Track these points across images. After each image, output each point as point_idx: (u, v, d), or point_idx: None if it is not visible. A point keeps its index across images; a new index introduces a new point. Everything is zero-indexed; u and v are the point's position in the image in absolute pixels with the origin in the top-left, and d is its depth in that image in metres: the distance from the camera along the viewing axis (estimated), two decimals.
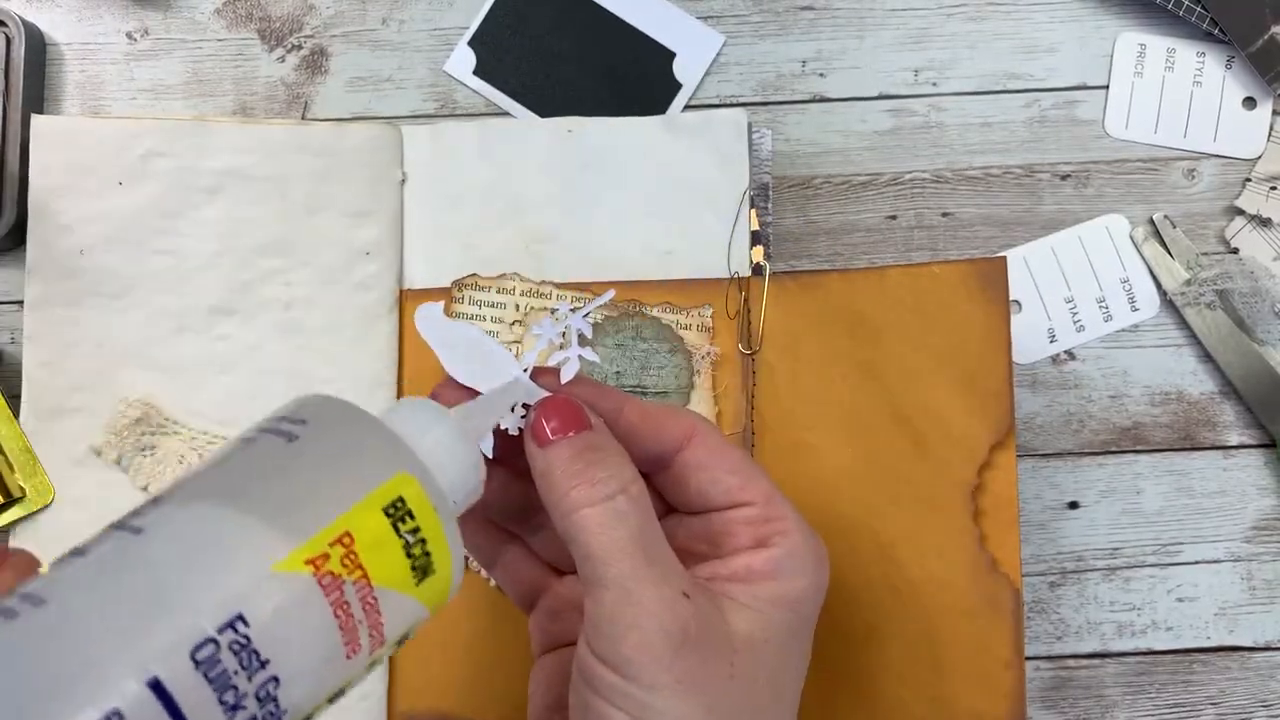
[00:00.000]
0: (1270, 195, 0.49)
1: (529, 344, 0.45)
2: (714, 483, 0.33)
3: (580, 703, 0.30)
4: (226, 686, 0.22)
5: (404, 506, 0.26)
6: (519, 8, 0.50)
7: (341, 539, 0.25)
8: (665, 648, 0.29)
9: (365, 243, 0.46)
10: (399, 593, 0.26)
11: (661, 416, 0.34)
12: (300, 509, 0.25)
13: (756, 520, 0.33)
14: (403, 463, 0.27)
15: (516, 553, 0.36)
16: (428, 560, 0.26)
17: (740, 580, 0.32)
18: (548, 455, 0.31)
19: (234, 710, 0.23)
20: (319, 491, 0.25)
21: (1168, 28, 0.50)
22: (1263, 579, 0.48)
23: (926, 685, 0.44)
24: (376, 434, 0.27)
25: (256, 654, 0.23)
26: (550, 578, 0.36)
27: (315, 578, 0.24)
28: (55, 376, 0.46)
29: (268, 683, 0.23)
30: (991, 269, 0.45)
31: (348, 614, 0.25)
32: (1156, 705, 0.48)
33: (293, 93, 0.50)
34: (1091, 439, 0.49)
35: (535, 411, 0.32)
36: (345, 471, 0.26)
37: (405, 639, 0.27)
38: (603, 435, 0.32)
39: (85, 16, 0.50)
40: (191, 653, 0.22)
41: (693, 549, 0.33)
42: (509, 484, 0.34)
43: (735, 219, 0.47)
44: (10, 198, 0.47)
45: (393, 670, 0.45)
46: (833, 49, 0.50)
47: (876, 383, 0.45)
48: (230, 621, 0.23)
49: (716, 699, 0.30)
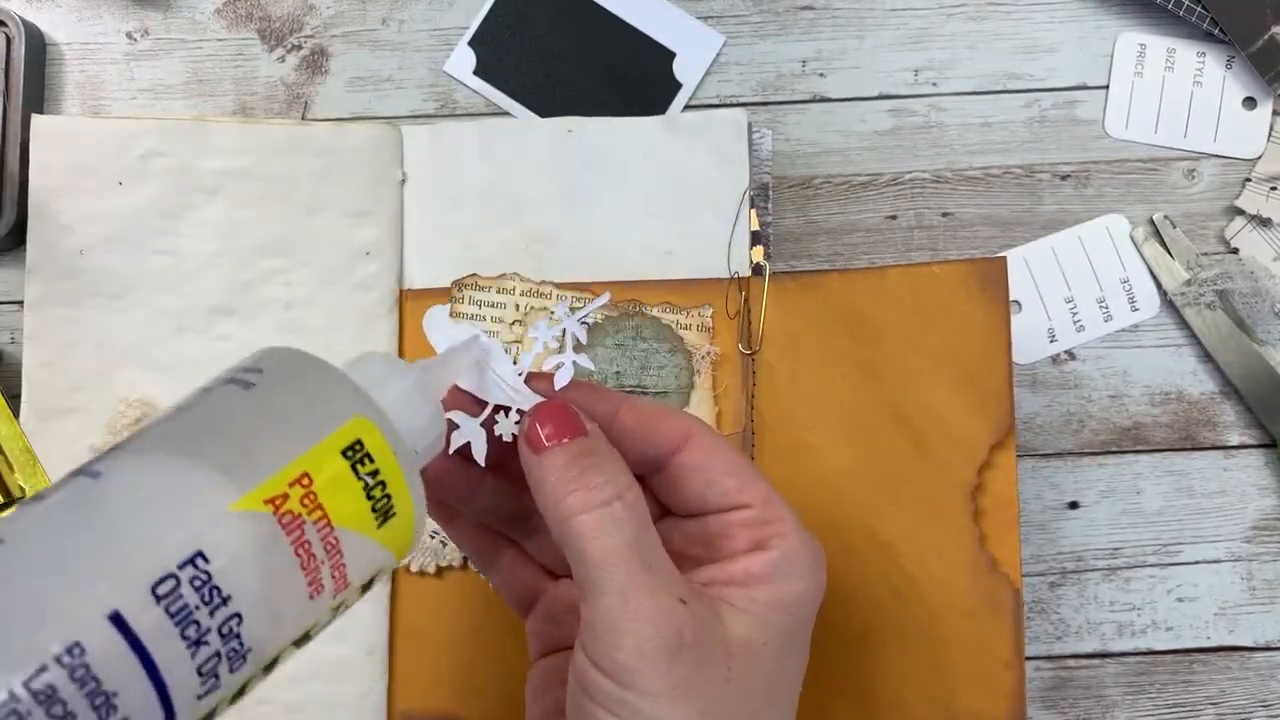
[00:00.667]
0: (1270, 195, 0.49)
1: (526, 346, 0.45)
2: (710, 485, 0.33)
3: (577, 709, 0.30)
4: (188, 621, 0.23)
5: (362, 449, 0.26)
6: (519, 8, 0.50)
7: (301, 479, 0.25)
8: (661, 654, 0.29)
9: (365, 243, 0.46)
10: (361, 534, 0.26)
11: (657, 418, 0.33)
12: (259, 451, 0.25)
13: (754, 523, 0.32)
14: (361, 408, 0.27)
15: (512, 557, 0.36)
16: (389, 503, 0.27)
17: (737, 584, 0.32)
18: (543, 461, 0.31)
19: (197, 645, 0.23)
20: (277, 435, 0.26)
21: (1168, 28, 0.50)
22: (1263, 579, 0.48)
23: (926, 685, 0.44)
24: (334, 381, 0.27)
25: (218, 590, 0.23)
26: (546, 581, 0.36)
27: (275, 516, 0.24)
28: (55, 376, 0.46)
29: (230, 619, 0.23)
30: (991, 269, 0.45)
31: (309, 553, 0.25)
32: (1156, 705, 0.48)
33: (293, 93, 0.50)
34: (1091, 439, 0.49)
35: (529, 418, 0.32)
36: (303, 416, 0.26)
37: (371, 584, 0.28)
38: (598, 440, 0.32)
39: (85, 16, 0.50)
40: (152, 587, 0.22)
41: (688, 552, 0.33)
42: (503, 489, 0.34)
43: (735, 219, 0.47)
44: (10, 198, 0.47)
45: (393, 670, 0.45)
46: (833, 49, 0.50)
47: (876, 383, 0.45)
48: (190, 558, 0.23)
49: (713, 704, 0.30)
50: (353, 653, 0.45)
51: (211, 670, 0.23)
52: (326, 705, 0.45)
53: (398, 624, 0.45)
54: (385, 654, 0.45)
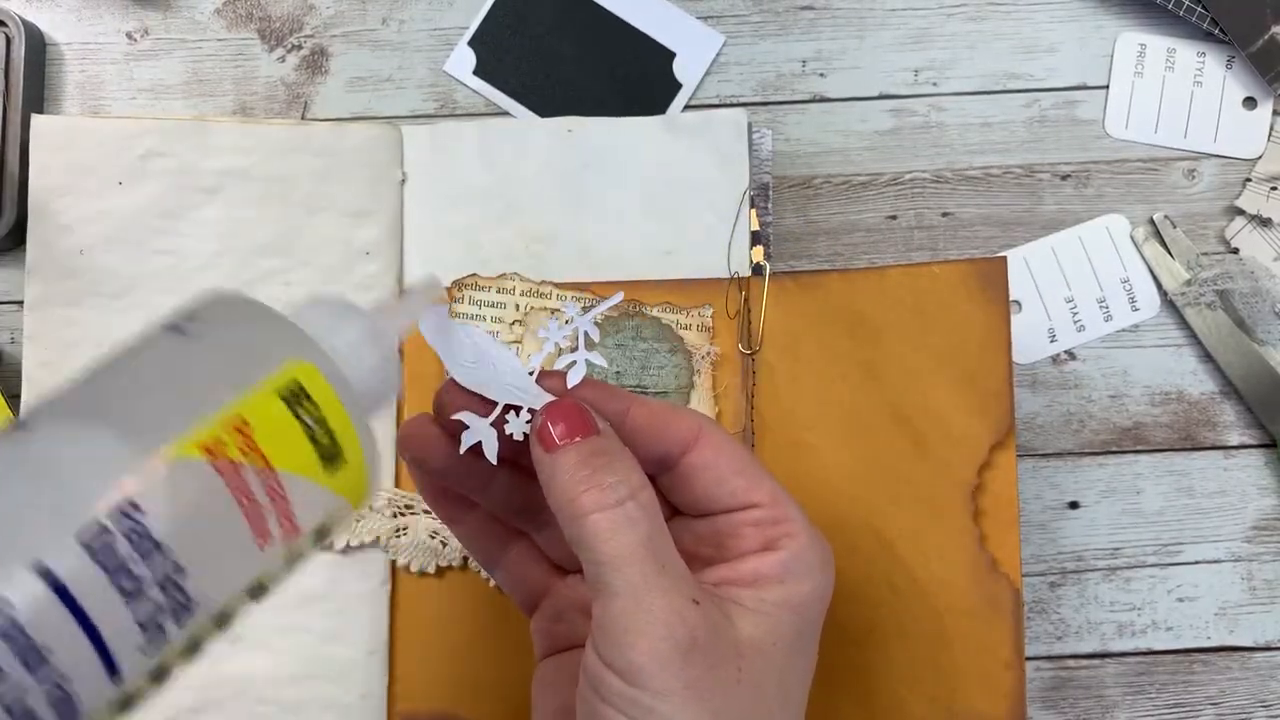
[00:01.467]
0: (1270, 195, 0.49)
1: (534, 346, 0.45)
2: (720, 484, 0.33)
3: (587, 709, 0.30)
4: (122, 573, 0.22)
5: (303, 392, 0.25)
6: (519, 8, 0.50)
7: (238, 425, 0.24)
8: (675, 655, 0.29)
9: (365, 243, 0.46)
10: (307, 479, 0.25)
11: (668, 417, 0.33)
12: (193, 398, 0.24)
13: (763, 522, 0.32)
14: (299, 350, 0.26)
15: (520, 552, 0.36)
16: (335, 447, 0.26)
17: (747, 584, 0.32)
18: (555, 460, 0.31)
19: (134, 596, 0.22)
20: (212, 380, 0.25)
21: (1168, 28, 0.50)
22: (1263, 579, 0.48)
23: (926, 685, 0.44)
24: (272, 324, 0.27)
25: (154, 541, 0.23)
26: (554, 578, 0.36)
27: (211, 463, 0.24)
28: (55, 376, 0.46)
29: (171, 571, 0.23)
30: (991, 269, 0.45)
31: (251, 500, 0.24)
32: (1156, 705, 0.48)
33: (293, 93, 0.50)
34: (1092, 439, 0.49)
35: (541, 416, 0.32)
36: (239, 361, 0.25)
37: (326, 532, 0.27)
38: (610, 440, 0.32)
39: (85, 16, 0.50)
40: (82, 539, 0.22)
41: (698, 552, 0.33)
42: (515, 483, 0.34)
43: (735, 219, 0.47)
44: (10, 198, 0.47)
45: (393, 670, 0.45)
46: (833, 49, 0.50)
47: (876, 383, 0.45)
48: (122, 508, 0.22)
49: (724, 705, 0.30)
50: (353, 653, 0.45)
51: (154, 622, 0.23)
52: (326, 705, 0.45)
53: (398, 624, 0.45)
54: (385, 654, 0.45)
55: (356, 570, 0.45)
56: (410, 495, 0.45)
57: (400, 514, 0.45)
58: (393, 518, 0.45)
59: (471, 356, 0.33)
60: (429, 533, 0.45)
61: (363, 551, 0.45)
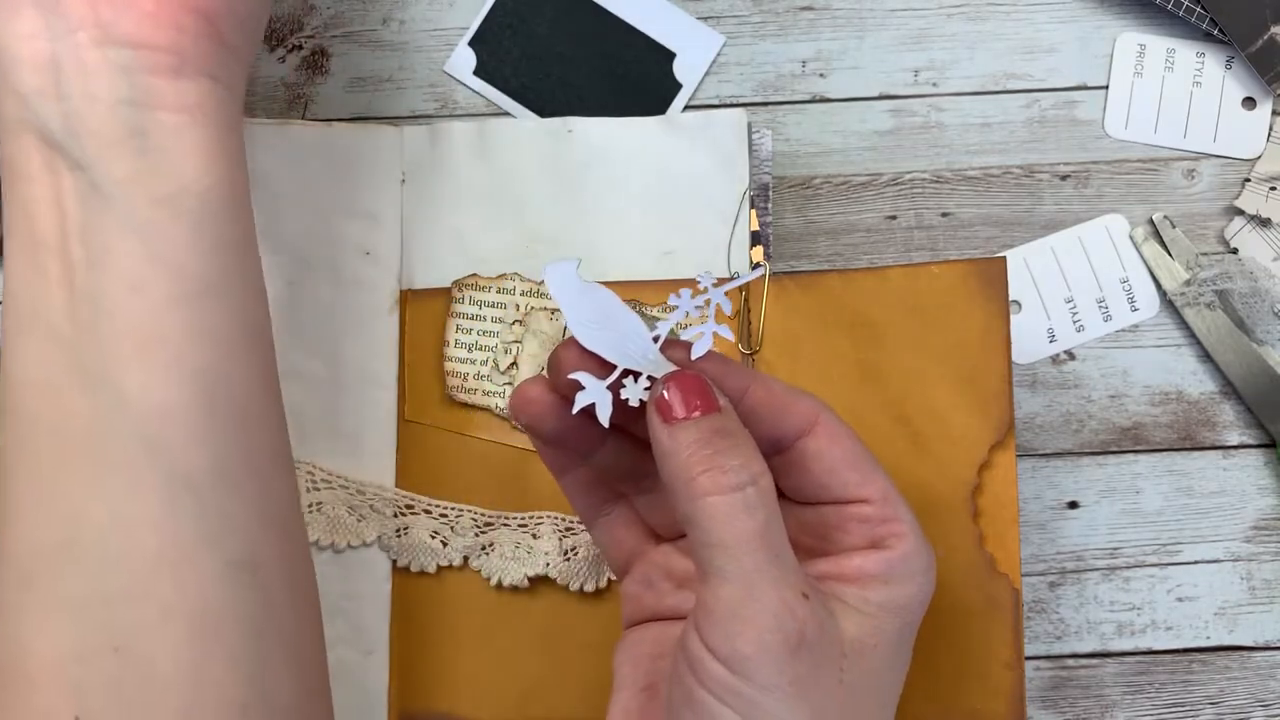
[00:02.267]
0: (1270, 195, 0.49)
1: (536, 345, 0.45)
2: (833, 474, 0.32)
3: (684, 694, 0.30)
4: None
5: None
6: (519, 8, 0.50)
7: None
8: (783, 649, 0.28)
9: (365, 243, 0.46)
10: None
11: (787, 399, 0.33)
12: None
13: (873, 519, 0.32)
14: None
15: (619, 515, 0.36)
16: None
17: (851, 581, 0.31)
18: (675, 434, 0.30)
19: None
20: None
21: (1168, 28, 0.50)
22: (1262, 579, 0.48)
23: (925, 685, 0.44)
24: None
25: None
26: (648, 544, 0.36)
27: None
28: None
29: None
30: (991, 269, 0.45)
31: None
32: (1156, 705, 0.48)
33: (293, 93, 0.50)
34: (1091, 439, 0.49)
35: (662, 386, 0.31)
36: None
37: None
38: (731, 419, 0.31)
39: None
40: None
41: (799, 541, 0.32)
42: (624, 448, 0.34)
43: (735, 219, 0.47)
44: None
45: (393, 670, 0.45)
46: (833, 49, 0.50)
47: (876, 383, 0.45)
48: None
49: (824, 704, 0.29)
50: (353, 653, 0.45)
51: None
52: None
53: (398, 624, 0.45)
54: (385, 654, 0.45)
55: (356, 570, 0.45)
56: (410, 495, 0.45)
57: (400, 514, 0.45)
58: (393, 517, 0.45)
59: (595, 316, 0.32)
60: (429, 533, 0.45)
61: (363, 551, 0.45)
